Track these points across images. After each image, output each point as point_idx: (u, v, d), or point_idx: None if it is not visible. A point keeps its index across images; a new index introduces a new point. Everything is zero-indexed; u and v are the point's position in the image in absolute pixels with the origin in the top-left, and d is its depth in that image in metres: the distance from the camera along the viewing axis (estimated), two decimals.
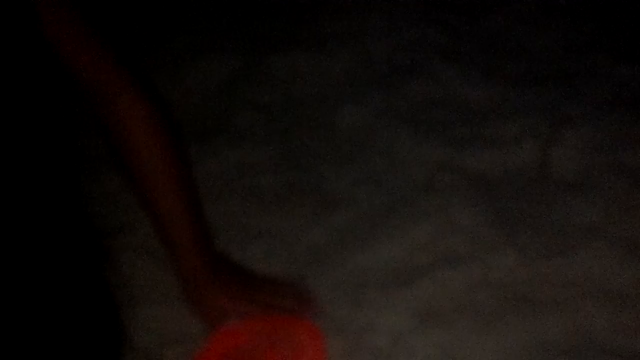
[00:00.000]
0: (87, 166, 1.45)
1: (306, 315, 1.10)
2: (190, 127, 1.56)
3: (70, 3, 0.97)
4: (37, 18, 0.91)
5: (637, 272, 1.12)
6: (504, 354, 1.04)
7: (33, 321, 0.90)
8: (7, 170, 0.88)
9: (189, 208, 1.12)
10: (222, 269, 1.13)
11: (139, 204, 1.14)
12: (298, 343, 1.05)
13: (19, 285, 0.89)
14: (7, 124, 0.89)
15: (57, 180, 0.98)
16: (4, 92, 0.88)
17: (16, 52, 0.90)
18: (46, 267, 0.93)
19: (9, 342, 0.88)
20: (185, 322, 1.13)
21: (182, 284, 1.14)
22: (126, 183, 1.13)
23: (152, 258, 1.24)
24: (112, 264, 1.24)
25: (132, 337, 1.12)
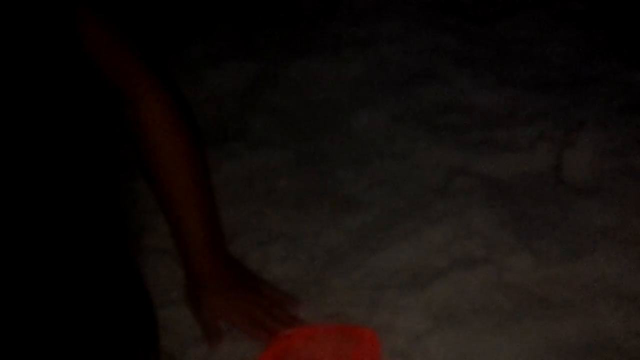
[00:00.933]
0: (110, 170, 1.47)
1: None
2: (210, 132, 1.56)
3: (102, 12, 0.97)
4: (71, 27, 0.92)
5: None
6: (519, 354, 1.04)
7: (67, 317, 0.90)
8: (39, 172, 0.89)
9: (205, 212, 1.13)
10: (227, 276, 1.13)
11: (157, 203, 1.15)
12: (353, 348, 1.04)
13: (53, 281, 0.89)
14: (43, 127, 0.90)
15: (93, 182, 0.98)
16: (37, 97, 0.89)
17: (54, 60, 0.91)
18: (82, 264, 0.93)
19: (44, 338, 0.88)
20: None
21: (186, 283, 1.15)
22: (149, 185, 1.14)
23: (173, 260, 1.25)
24: (135, 265, 1.25)
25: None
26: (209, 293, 1.11)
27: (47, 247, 0.84)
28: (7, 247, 0.79)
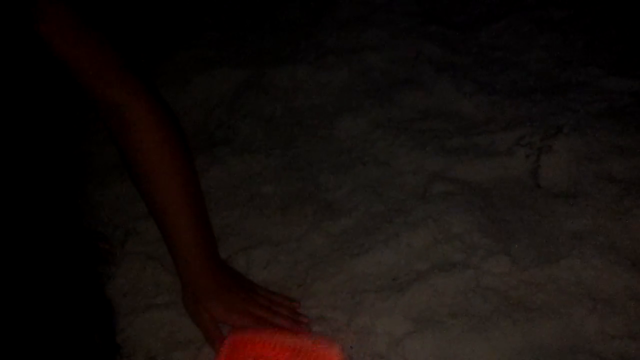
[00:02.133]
0: (97, 175, 1.46)
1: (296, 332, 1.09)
2: (196, 137, 1.55)
3: (82, 22, 0.95)
4: (45, 35, 0.90)
5: (626, 278, 1.10)
6: (496, 357, 1.03)
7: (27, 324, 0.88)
8: (12, 176, 0.87)
9: (196, 215, 1.11)
10: (223, 278, 1.12)
11: (148, 210, 1.13)
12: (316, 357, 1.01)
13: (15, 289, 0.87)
14: (17, 131, 0.88)
15: (56, 187, 0.95)
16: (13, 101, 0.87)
17: (31, 68, 0.88)
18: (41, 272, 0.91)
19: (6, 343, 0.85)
20: (191, 326, 1.13)
21: (182, 289, 1.14)
22: (136, 189, 1.12)
23: (159, 264, 1.24)
24: (120, 269, 1.24)
25: (140, 341, 1.12)
26: (207, 296, 1.10)
27: None
28: None
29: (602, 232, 1.18)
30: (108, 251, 1.25)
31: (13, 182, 0.86)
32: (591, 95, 1.50)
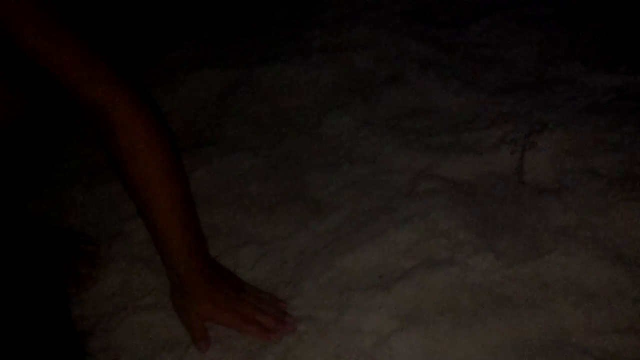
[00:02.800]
0: (84, 176, 1.44)
1: (282, 332, 1.08)
2: (183, 137, 1.54)
3: (54, 17, 0.93)
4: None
5: (610, 273, 1.10)
6: (482, 353, 1.03)
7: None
8: None
9: (185, 215, 1.10)
10: (212, 277, 1.11)
11: (137, 210, 1.12)
12: None
13: None
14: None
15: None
16: None
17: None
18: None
19: None
20: (179, 327, 1.12)
21: (170, 287, 1.13)
22: (124, 189, 1.11)
23: (146, 265, 1.23)
24: (107, 271, 1.23)
25: (127, 343, 1.11)
26: (195, 294, 1.09)
27: None
28: None
29: (586, 227, 1.17)
30: (94, 253, 1.24)
31: None
32: (576, 91, 1.50)
